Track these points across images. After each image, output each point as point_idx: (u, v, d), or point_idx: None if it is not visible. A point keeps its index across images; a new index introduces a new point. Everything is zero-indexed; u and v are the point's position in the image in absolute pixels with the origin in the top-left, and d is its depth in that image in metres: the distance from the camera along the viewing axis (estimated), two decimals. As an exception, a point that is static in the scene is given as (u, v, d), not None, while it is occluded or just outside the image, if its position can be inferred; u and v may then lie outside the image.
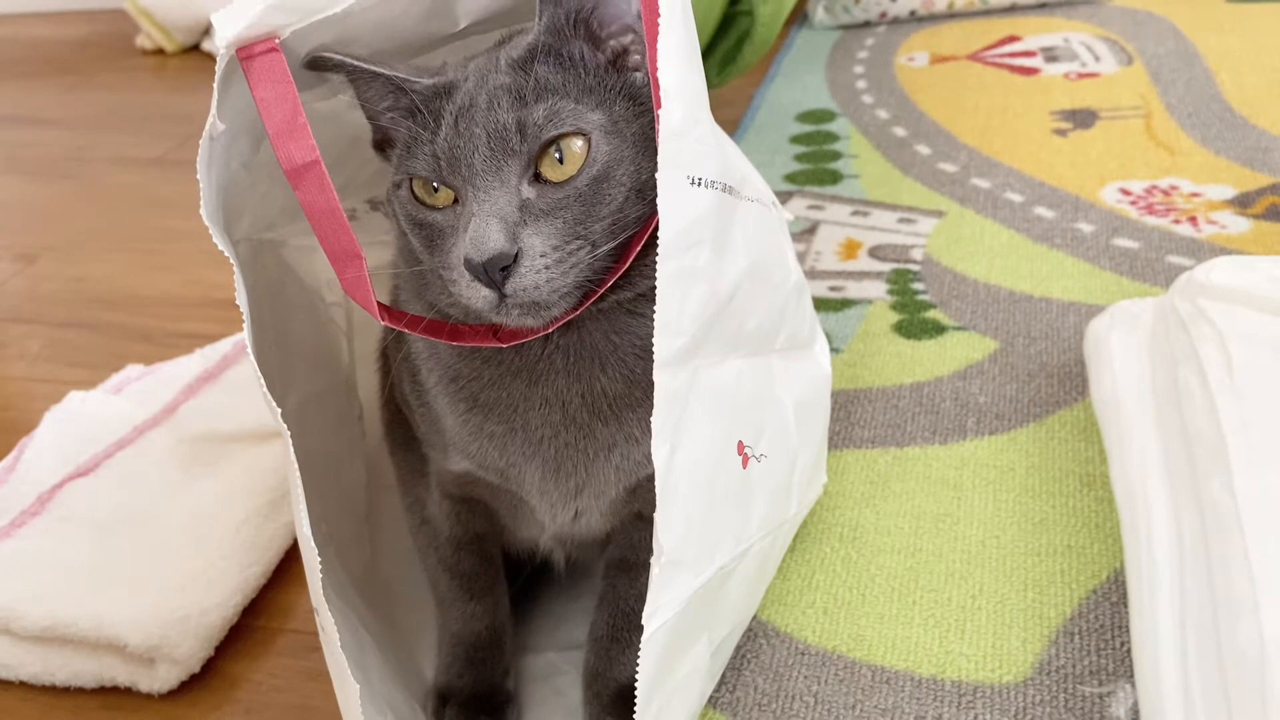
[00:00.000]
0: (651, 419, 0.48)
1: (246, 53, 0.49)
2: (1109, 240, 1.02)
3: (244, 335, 0.53)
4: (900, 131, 1.29)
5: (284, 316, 0.66)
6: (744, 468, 0.55)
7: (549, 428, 0.56)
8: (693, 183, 0.49)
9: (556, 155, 0.50)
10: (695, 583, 0.52)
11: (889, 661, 0.66)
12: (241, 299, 0.51)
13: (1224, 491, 0.61)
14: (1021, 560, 0.71)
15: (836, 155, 1.25)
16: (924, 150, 1.24)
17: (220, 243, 0.51)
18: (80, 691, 0.71)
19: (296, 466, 0.50)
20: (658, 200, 0.47)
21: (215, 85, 0.48)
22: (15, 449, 0.89)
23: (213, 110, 0.49)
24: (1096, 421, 0.77)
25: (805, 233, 1.10)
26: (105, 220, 1.39)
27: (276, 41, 0.49)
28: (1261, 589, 0.55)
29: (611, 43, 0.53)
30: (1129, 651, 0.63)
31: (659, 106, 0.47)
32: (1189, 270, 0.80)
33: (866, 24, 1.62)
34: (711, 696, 0.65)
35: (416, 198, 0.52)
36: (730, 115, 1.38)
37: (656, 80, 0.47)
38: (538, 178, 0.50)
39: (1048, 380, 0.86)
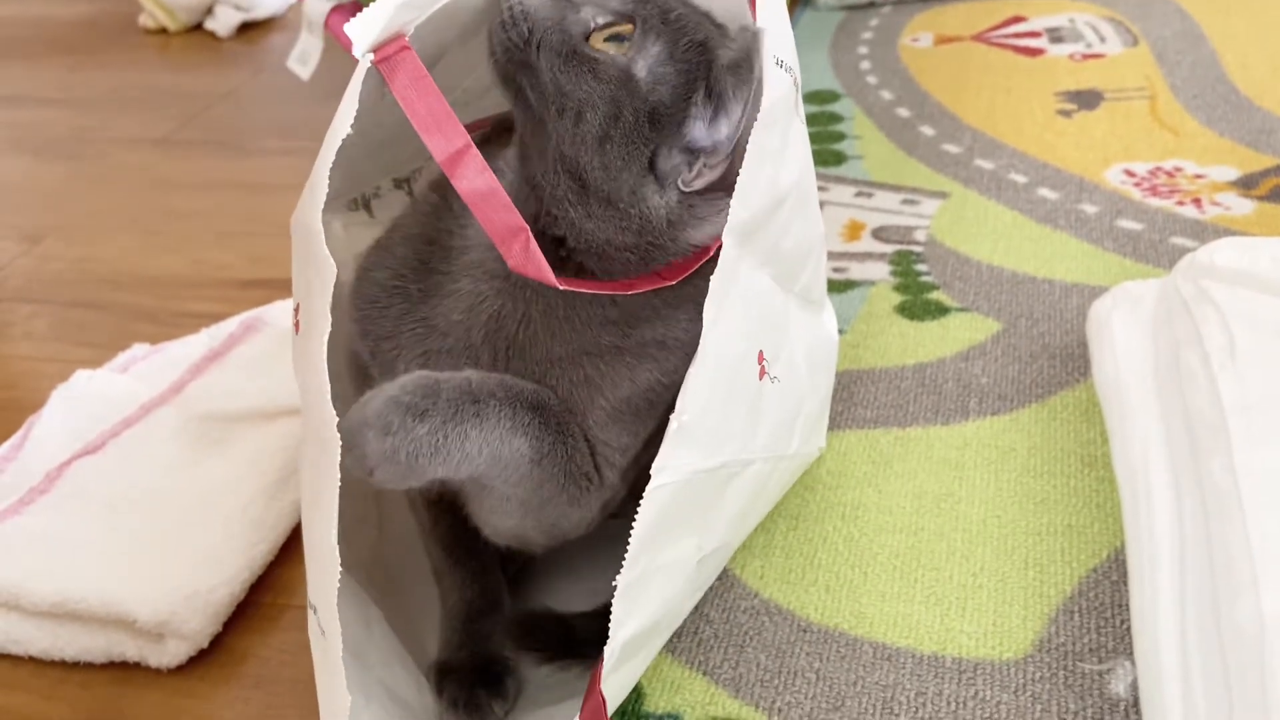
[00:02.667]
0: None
1: (383, 55, 0.50)
2: (1113, 222, 1.02)
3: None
4: (904, 112, 1.29)
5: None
6: (760, 379, 0.58)
7: (467, 342, 0.57)
8: (778, 63, 0.54)
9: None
10: (701, 464, 0.54)
11: (890, 639, 0.66)
12: (325, 299, 0.50)
13: (1224, 471, 0.61)
14: (1022, 539, 0.72)
15: (840, 136, 1.25)
16: (928, 131, 1.24)
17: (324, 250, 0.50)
18: (89, 666, 0.72)
19: (338, 479, 0.49)
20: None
21: (352, 93, 0.49)
22: (23, 427, 0.89)
23: (350, 118, 0.49)
24: (1098, 402, 0.78)
25: (809, 214, 1.10)
26: (110, 200, 1.39)
27: (406, 39, 0.50)
28: (1261, 568, 0.55)
29: None
30: (1128, 629, 0.64)
31: None
32: (1192, 252, 0.81)
33: (871, 4, 1.62)
34: (714, 672, 0.65)
35: None
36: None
37: None
38: None
39: (1050, 361, 0.86)
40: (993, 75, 1.35)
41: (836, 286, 0.98)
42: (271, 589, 0.76)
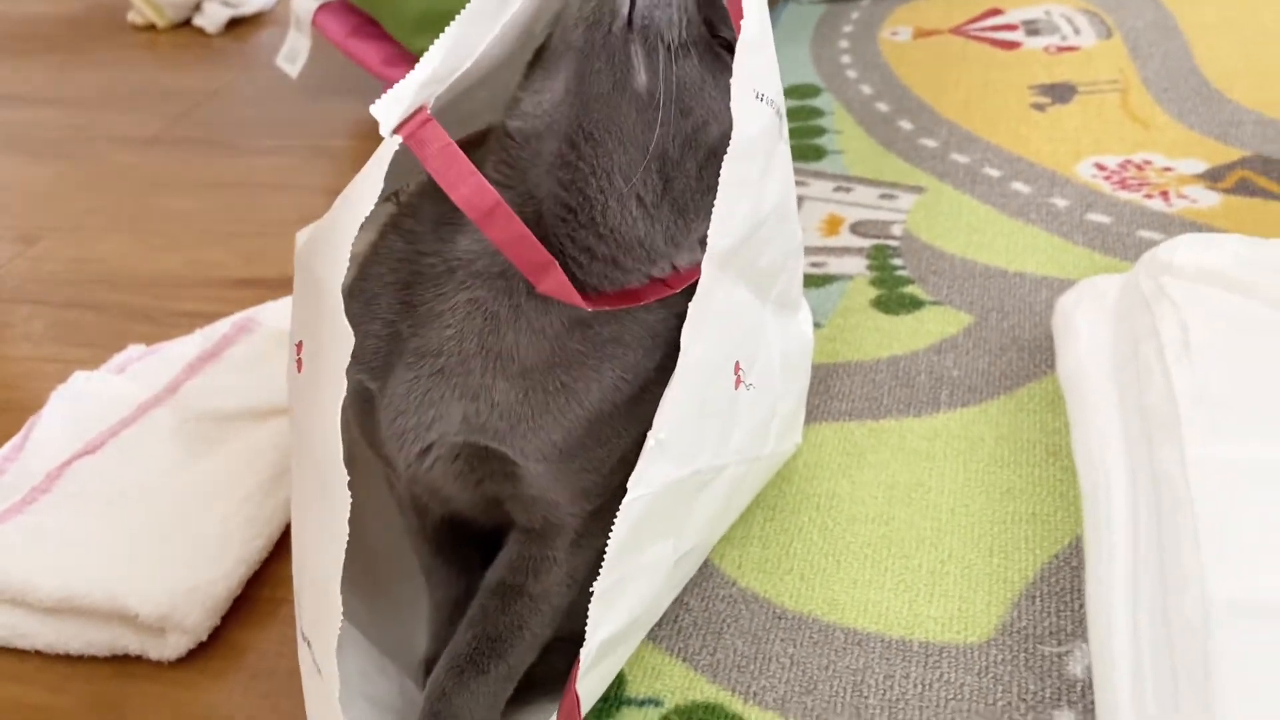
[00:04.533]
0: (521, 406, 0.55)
1: (409, 132, 0.52)
2: (1083, 215, 1.05)
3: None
4: (883, 107, 1.31)
5: None
6: (735, 389, 0.60)
7: (436, 345, 0.58)
8: (757, 97, 0.55)
9: None
10: (674, 474, 0.57)
11: (861, 624, 0.69)
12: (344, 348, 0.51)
13: (1175, 463, 0.64)
14: (988, 527, 0.75)
15: (821, 131, 1.28)
16: (906, 126, 1.26)
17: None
18: (94, 659, 0.74)
19: (345, 536, 0.51)
20: (732, 105, 0.53)
21: (377, 171, 0.50)
22: (24, 428, 0.92)
23: (374, 197, 0.50)
24: (1063, 394, 0.81)
25: (788, 209, 1.13)
26: (104, 200, 1.41)
27: (428, 111, 0.53)
28: (1207, 557, 0.58)
29: None
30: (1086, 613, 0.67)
31: (741, 16, 0.53)
32: (1155, 247, 0.84)
33: (852, -3, 1.64)
34: (693, 658, 0.68)
35: None
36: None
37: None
38: None
39: (1019, 354, 0.89)
40: (970, 69, 1.38)
41: (815, 281, 1.01)
42: (267, 583, 0.78)
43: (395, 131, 0.51)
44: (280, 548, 0.81)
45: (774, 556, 0.75)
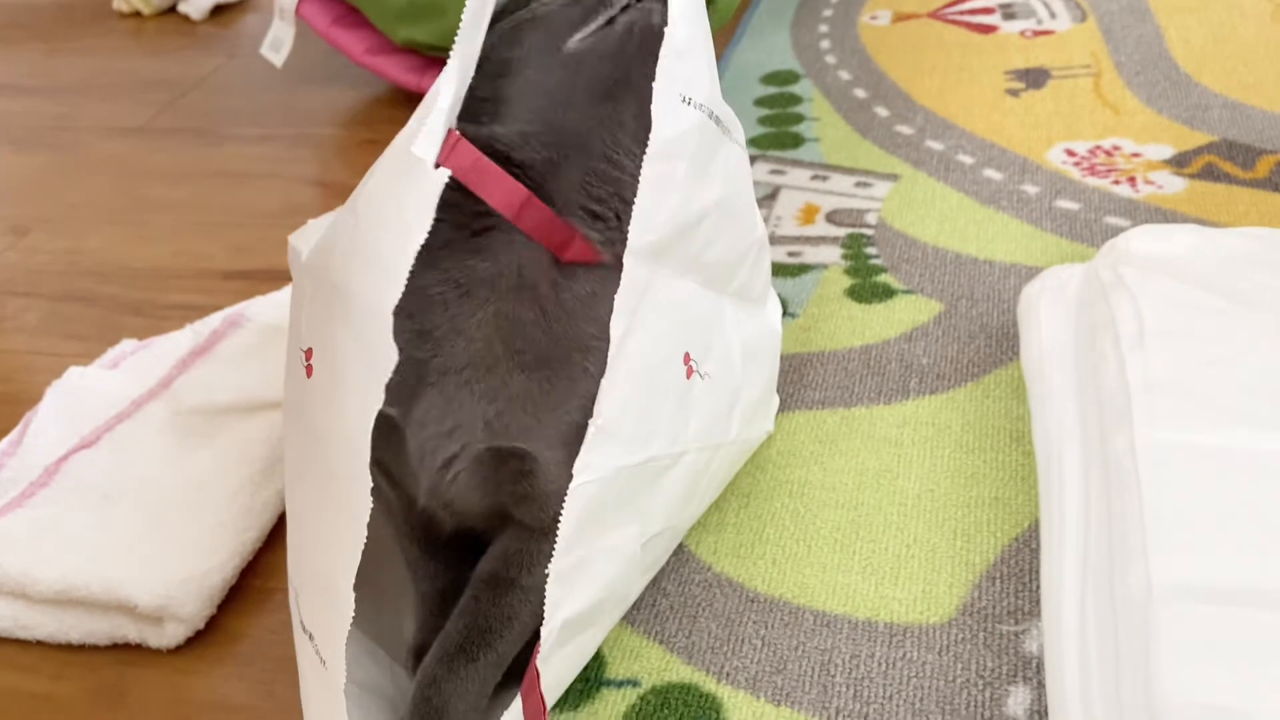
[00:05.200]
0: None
1: (444, 158, 0.55)
2: (1052, 202, 1.08)
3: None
4: (861, 93, 1.33)
5: None
6: (688, 378, 0.63)
7: (460, 360, 0.61)
8: (683, 100, 0.58)
9: None
10: (626, 460, 0.59)
11: (829, 606, 0.72)
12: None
13: (1126, 449, 0.67)
14: (953, 512, 0.78)
15: (799, 118, 1.30)
16: (882, 112, 1.28)
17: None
18: (94, 648, 0.77)
19: (364, 532, 0.53)
20: (652, 109, 0.56)
21: (427, 207, 0.52)
22: (21, 423, 0.94)
23: (424, 232, 0.52)
24: (1026, 381, 0.83)
25: (767, 198, 1.15)
26: (93, 191, 1.43)
27: (456, 132, 0.56)
28: (1151, 539, 0.61)
29: None
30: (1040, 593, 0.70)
31: (667, 25, 0.56)
32: (1117, 236, 0.86)
33: (832, -20, 1.65)
34: (669, 640, 0.71)
35: None
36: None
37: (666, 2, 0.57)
38: None
39: (986, 341, 0.92)
40: (947, 53, 1.40)
41: (791, 270, 1.04)
42: (261, 573, 0.81)
43: (439, 164, 0.54)
44: (272, 538, 0.83)
45: (747, 542, 0.78)
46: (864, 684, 0.67)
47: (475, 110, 0.59)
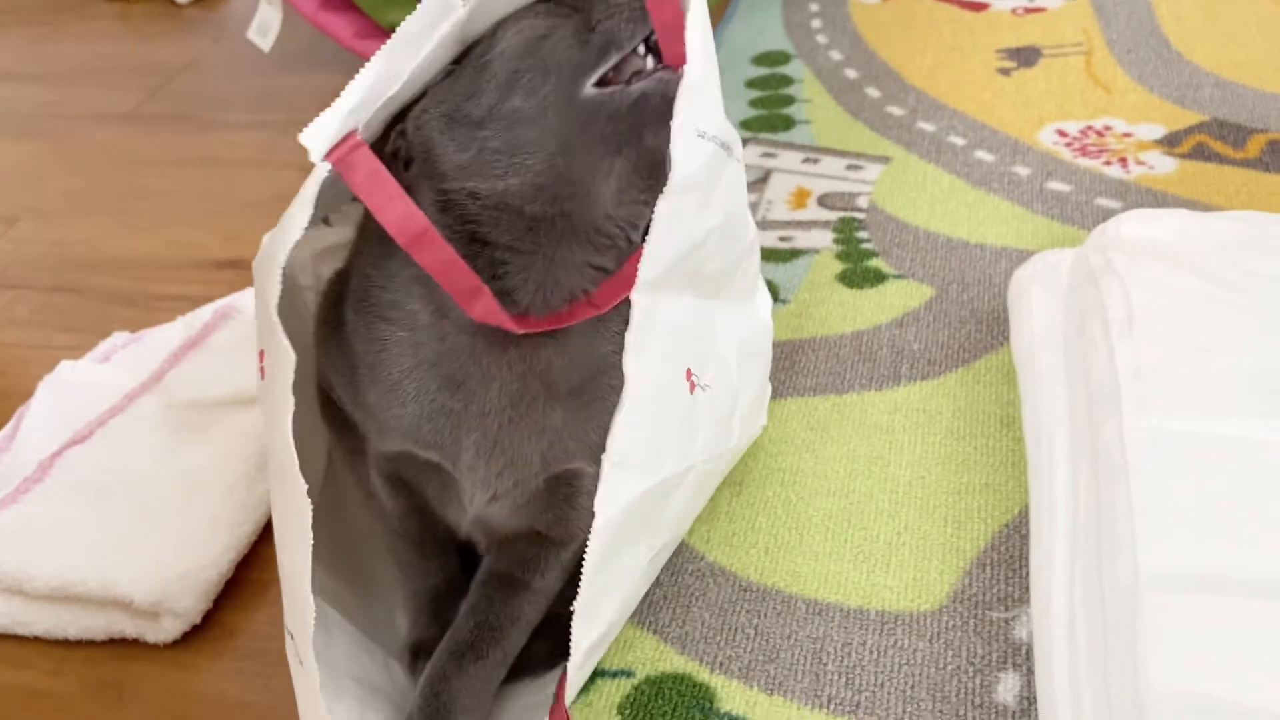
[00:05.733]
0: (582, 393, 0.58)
1: (337, 157, 0.53)
2: (1043, 184, 1.08)
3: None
4: (852, 74, 1.33)
5: None
6: (690, 394, 0.63)
7: (498, 403, 0.61)
8: (699, 135, 0.57)
9: None
10: (642, 485, 0.59)
11: (821, 595, 0.73)
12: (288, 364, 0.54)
13: (1114, 436, 0.68)
14: (944, 498, 0.78)
15: (790, 100, 1.29)
16: (874, 93, 1.28)
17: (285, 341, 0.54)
18: (91, 644, 0.78)
19: (310, 535, 0.54)
20: (672, 146, 0.54)
21: (307, 198, 0.52)
22: (14, 418, 0.94)
23: (302, 223, 0.53)
24: (1016, 367, 0.84)
25: (758, 182, 1.15)
26: (82, 180, 1.43)
27: (358, 136, 0.54)
28: (1139, 528, 0.62)
29: None
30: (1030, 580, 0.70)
31: (685, 62, 0.55)
32: (1108, 220, 0.86)
33: (823, -43, 1.64)
34: (663, 631, 0.72)
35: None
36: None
37: (684, 38, 0.56)
38: None
39: (977, 326, 0.92)
40: (938, 32, 1.39)
41: (782, 256, 1.04)
42: (257, 566, 0.82)
43: (325, 158, 0.53)
44: (267, 531, 0.84)
45: (740, 531, 0.78)
46: (855, 672, 0.68)
47: (488, 163, 0.57)
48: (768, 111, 1.27)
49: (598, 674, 0.70)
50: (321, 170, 0.53)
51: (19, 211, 1.36)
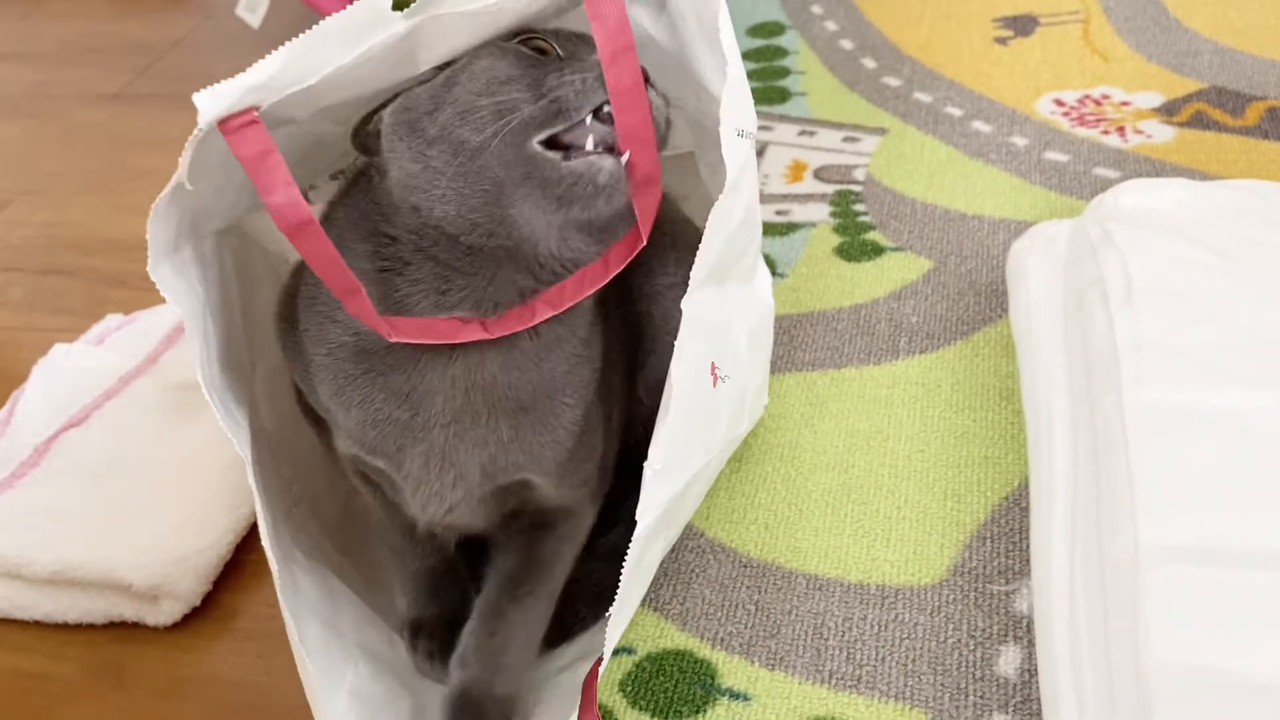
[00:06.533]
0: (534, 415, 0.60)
1: (227, 126, 0.52)
2: (1041, 154, 1.07)
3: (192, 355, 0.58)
4: (847, 44, 1.32)
5: (250, 288, 0.71)
6: (714, 387, 0.63)
7: (443, 416, 0.60)
8: (739, 134, 0.58)
9: None
10: (673, 489, 0.60)
11: (822, 570, 0.73)
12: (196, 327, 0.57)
13: (1114, 409, 0.67)
14: (943, 472, 0.78)
15: (785, 72, 1.28)
16: (870, 64, 1.27)
17: (171, 298, 0.57)
18: (91, 627, 0.78)
19: (259, 496, 0.56)
20: (723, 149, 0.55)
21: (188, 151, 0.52)
22: (8, 402, 0.94)
23: (184, 171, 0.53)
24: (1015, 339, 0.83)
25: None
26: (71, 161, 1.41)
27: (256, 114, 0.53)
28: (1139, 501, 0.62)
29: None
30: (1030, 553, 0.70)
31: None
32: (1107, 190, 0.86)
33: (817, -73, 1.62)
34: (664, 608, 0.72)
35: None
36: (682, 31, 1.40)
37: (720, 41, 0.57)
38: None
39: (975, 298, 0.92)
40: (934, 1, 1.38)
41: (779, 230, 1.03)
42: (255, 548, 0.81)
43: (220, 125, 0.52)
44: (265, 512, 0.84)
45: (740, 507, 0.78)
46: (856, 646, 0.68)
47: (432, 182, 0.56)
48: (763, 84, 1.26)
49: (599, 651, 0.70)
50: (202, 133, 0.52)
51: (10, 194, 1.35)
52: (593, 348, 0.64)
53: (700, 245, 0.56)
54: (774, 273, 0.97)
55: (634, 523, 0.57)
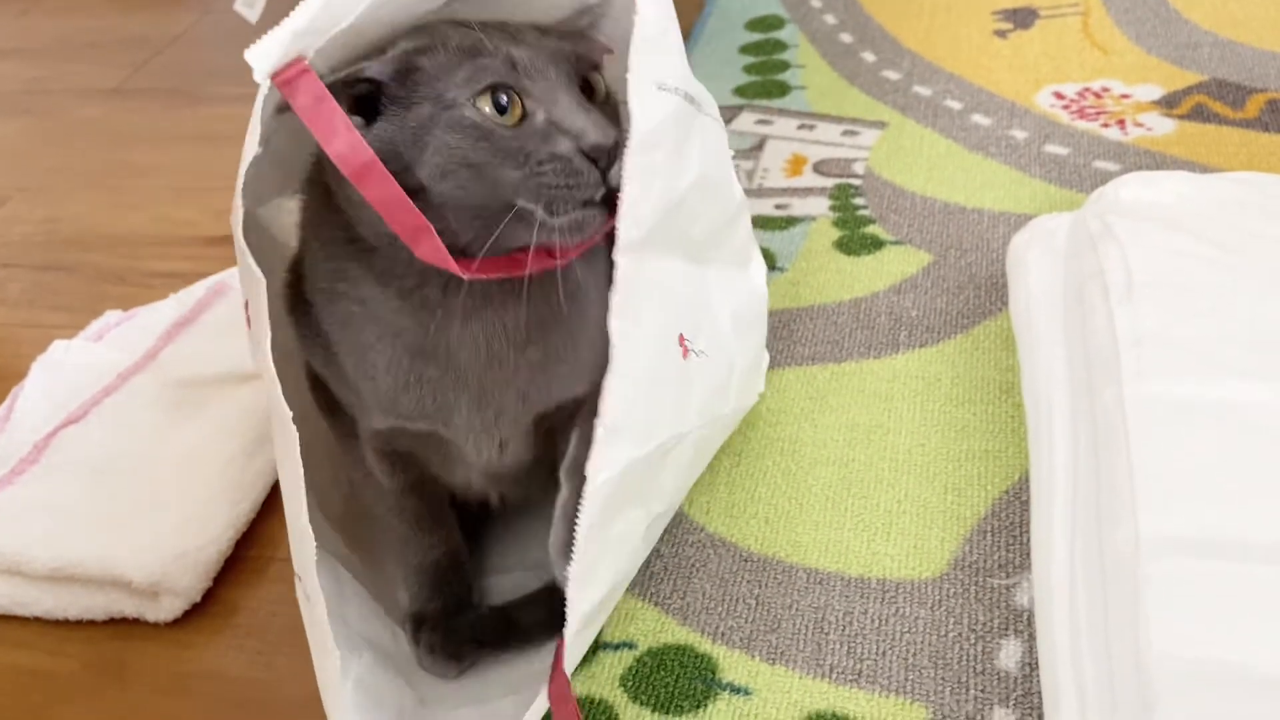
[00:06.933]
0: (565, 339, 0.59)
1: (282, 79, 0.52)
2: (1040, 147, 1.07)
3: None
4: (847, 38, 1.31)
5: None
6: (684, 359, 0.63)
7: (476, 363, 0.61)
8: (659, 88, 0.57)
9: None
10: (635, 453, 0.59)
11: (822, 564, 0.73)
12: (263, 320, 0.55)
13: (1114, 402, 0.67)
14: (943, 466, 0.78)
15: (785, 66, 1.28)
16: (869, 57, 1.27)
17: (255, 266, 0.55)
18: (92, 623, 0.78)
19: (300, 469, 0.55)
20: (629, 101, 0.54)
21: (257, 115, 0.53)
22: (8, 399, 0.94)
23: (256, 138, 0.53)
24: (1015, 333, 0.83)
25: (753, 149, 1.14)
26: (69, 157, 1.41)
27: (306, 62, 0.53)
28: (1139, 494, 0.62)
29: None
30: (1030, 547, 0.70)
31: (636, 14, 0.55)
32: (1107, 183, 0.86)
33: (816, -80, 1.62)
34: (664, 602, 0.72)
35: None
36: (680, 25, 1.39)
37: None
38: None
39: (975, 291, 0.92)
40: (933, -6, 1.37)
41: (779, 224, 1.03)
42: (256, 544, 0.82)
43: (271, 79, 0.52)
44: (266, 508, 0.84)
45: (740, 501, 0.78)
46: (857, 640, 0.68)
47: (433, 148, 0.56)
48: (762, 78, 1.26)
49: (600, 646, 0.70)
50: (264, 88, 0.52)
51: (9, 191, 1.35)
52: (602, 262, 0.62)
53: (620, 202, 0.55)
54: (774, 267, 0.97)
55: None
